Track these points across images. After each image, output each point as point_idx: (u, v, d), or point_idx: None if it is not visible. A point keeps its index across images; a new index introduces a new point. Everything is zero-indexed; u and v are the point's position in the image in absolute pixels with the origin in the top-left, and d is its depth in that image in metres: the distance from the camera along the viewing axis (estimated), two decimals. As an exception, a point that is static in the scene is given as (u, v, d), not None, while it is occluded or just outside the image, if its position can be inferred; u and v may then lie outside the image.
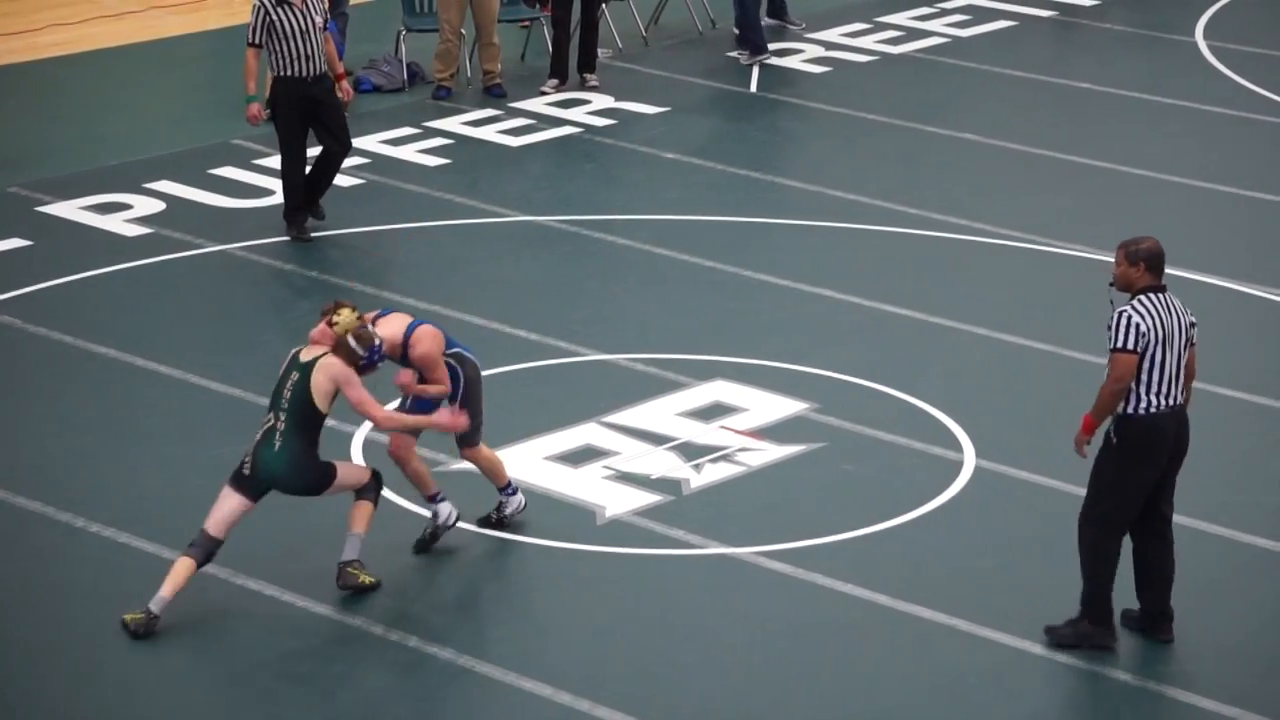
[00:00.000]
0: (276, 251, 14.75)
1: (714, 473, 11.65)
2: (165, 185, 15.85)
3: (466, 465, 11.05)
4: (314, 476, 10.08)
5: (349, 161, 16.36)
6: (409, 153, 16.83)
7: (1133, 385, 9.57)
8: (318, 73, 14.62)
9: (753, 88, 18.74)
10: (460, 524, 10.74)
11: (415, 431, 10.50)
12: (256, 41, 14.62)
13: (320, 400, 9.99)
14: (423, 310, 13.74)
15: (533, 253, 15.05)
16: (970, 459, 11.81)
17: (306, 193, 14.91)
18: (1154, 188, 16.38)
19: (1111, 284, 9.77)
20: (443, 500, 10.65)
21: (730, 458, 11.82)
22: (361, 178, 16.22)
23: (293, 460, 9.99)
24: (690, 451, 11.87)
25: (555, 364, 13.02)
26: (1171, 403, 9.62)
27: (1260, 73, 19.07)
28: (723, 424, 12.20)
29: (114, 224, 15.16)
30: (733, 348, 13.19)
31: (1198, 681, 9.73)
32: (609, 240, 15.09)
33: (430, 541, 10.65)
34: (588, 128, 17.57)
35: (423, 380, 10.39)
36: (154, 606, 9.92)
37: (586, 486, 11.45)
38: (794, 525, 11.06)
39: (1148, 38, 20.38)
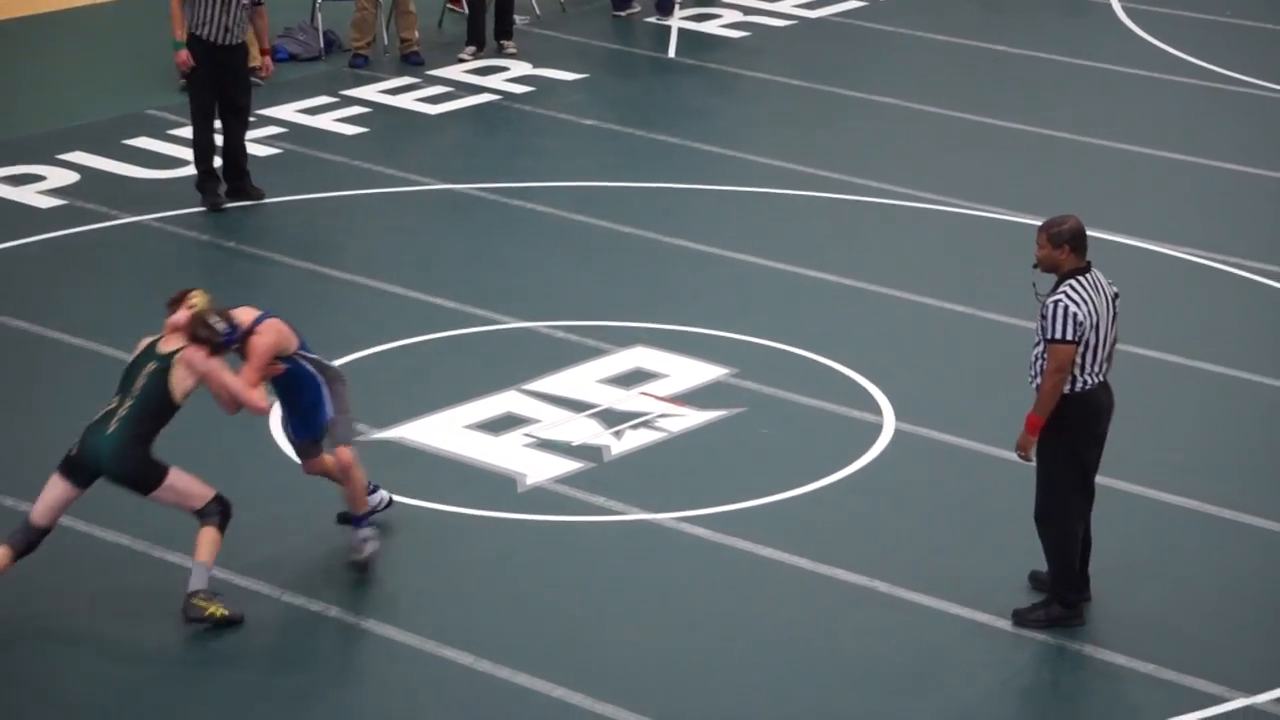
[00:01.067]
0: (193, 222, 14.65)
1: (635, 439, 11.65)
2: (79, 156, 15.72)
3: (391, 437, 11.01)
4: (140, 470, 9.64)
5: (266, 130, 16.27)
6: (326, 121, 16.74)
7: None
8: (232, 43, 14.54)
9: (671, 53, 18.72)
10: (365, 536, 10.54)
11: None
12: None
13: (178, 394, 9.68)
14: (339, 279, 13.71)
15: (452, 221, 15.01)
16: (889, 422, 11.85)
17: (227, 172, 14.83)
18: (1070, 149, 16.45)
19: (1035, 266, 9.67)
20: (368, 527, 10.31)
21: (651, 424, 11.82)
22: (279, 147, 16.12)
23: (122, 447, 9.59)
24: (611, 418, 11.87)
25: (475, 332, 12.99)
26: (1102, 376, 9.64)
27: (1173, 34, 19.17)
28: (643, 390, 12.21)
29: (27, 195, 15.03)
30: (652, 314, 13.19)
31: (1114, 640, 9.79)
32: (528, 208, 15.06)
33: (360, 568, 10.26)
34: (506, 95, 17.51)
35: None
36: None
37: (507, 454, 11.44)
38: (715, 490, 11.07)
39: (1064, 1, 20.46)
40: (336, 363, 12.05)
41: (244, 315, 10.06)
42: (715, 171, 15.85)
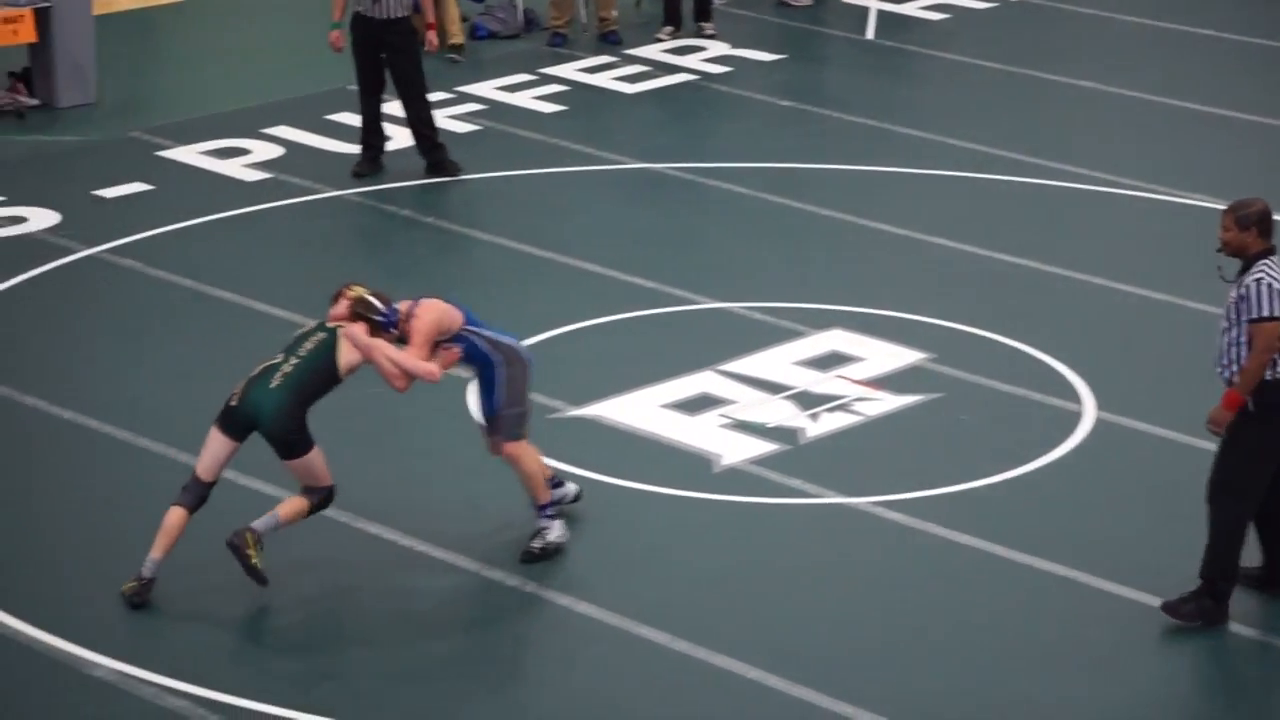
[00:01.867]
0: (394, 197, 14.80)
1: (830, 422, 11.61)
2: (283, 130, 15.93)
3: (587, 414, 11.05)
4: (296, 434, 9.69)
5: (465, 107, 16.40)
6: (525, 99, 16.83)
7: None
8: (388, 17, 14.55)
9: (869, 35, 18.63)
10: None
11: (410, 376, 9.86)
12: None
13: (342, 366, 9.72)
14: (537, 257, 13.78)
15: (649, 200, 15.03)
16: (1090, 410, 11.72)
17: (418, 148, 14.90)
18: (1275, 136, 16.16)
19: (1220, 250, 9.50)
20: (554, 518, 10.26)
21: (847, 407, 11.78)
22: (477, 124, 16.24)
23: (283, 406, 9.65)
24: (807, 400, 11.83)
25: (672, 312, 13.00)
26: None
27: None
28: (840, 373, 12.16)
29: (233, 169, 15.25)
30: (850, 297, 13.13)
31: (1320, 637, 9.64)
32: (726, 188, 15.05)
33: (538, 557, 10.20)
34: (703, 75, 17.51)
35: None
36: (146, 571, 9.69)
37: (703, 434, 11.44)
38: (911, 475, 11.01)
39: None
40: (532, 340, 12.16)
41: (403, 305, 9.99)
42: (913, 154, 15.75)
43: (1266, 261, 9.39)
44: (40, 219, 14.22)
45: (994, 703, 9.21)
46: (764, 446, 11.32)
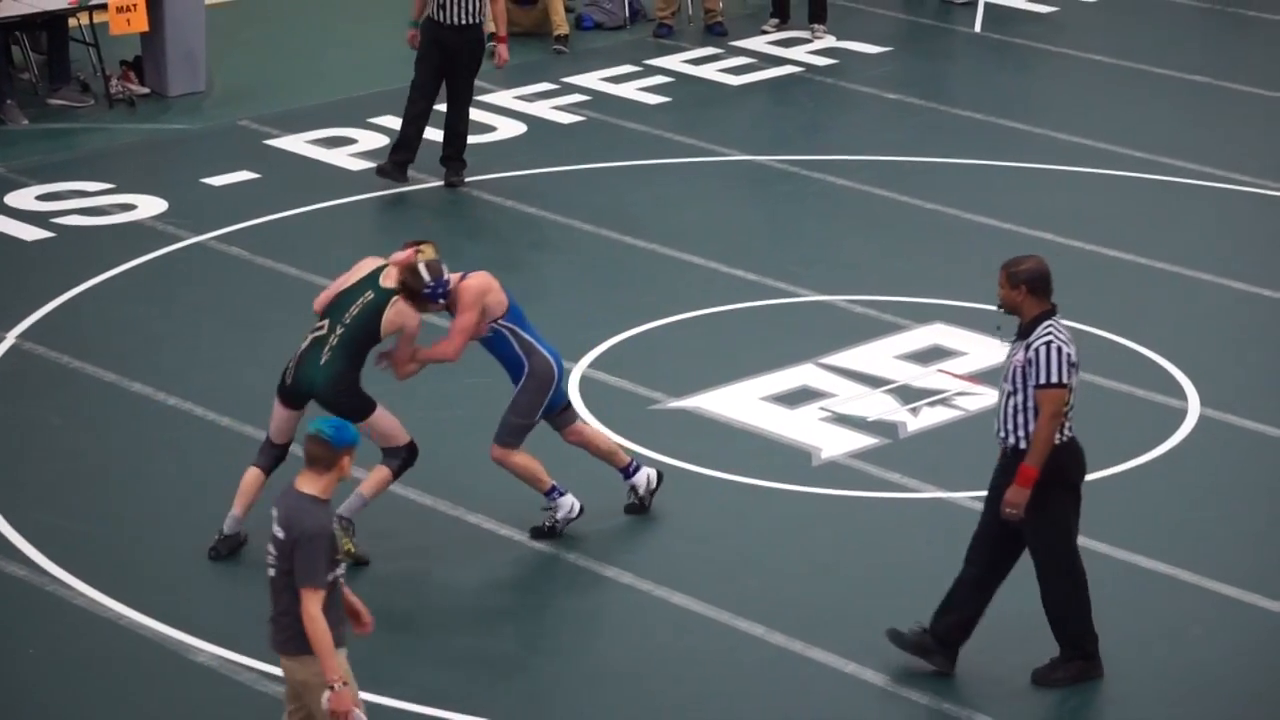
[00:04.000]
0: (495, 187, 14.85)
1: (931, 416, 11.56)
2: (389, 120, 15.99)
3: (687, 406, 11.04)
4: (355, 401, 9.80)
5: (570, 98, 16.41)
6: (630, 90, 16.85)
7: None
8: (459, 22, 14.35)
9: (977, 28, 18.53)
10: (638, 480, 10.52)
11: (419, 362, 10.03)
12: None
13: (386, 330, 9.80)
14: (639, 248, 13.77)
15: (751, 192, 15.02)
16: (1194, 407, 11.61)
17: (446, 153, 14.68)
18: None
19: (999, 308, 9.06)
20: (637, 470, 10.41)
21: (948, 401, 11.73)
22: (582, 115, 16.27)
23: (336, 378, 9.77)
24: (908, 394, 11.79)
25: (773, 304, 12.98)
26: (1072, 428, 9.04)
27: None
28: (941, 367, 12.11)
29: (339, 158, 15.35)
30: (952, 291, 13.07)
31: None
32: (828, 180, 15.01)
33: (640, 508, 10.44)
34: (808, 67, 17.47)
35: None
36: (227, 527, 9.99)
37: (803, 428, 11.42)
38: (1012, 471, 10.93)
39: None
40: (633, 331, 12.18)
41: (453, 277, 9.98)
42: (1019, 148, 15.66)
43: (1051, 323, 8.94)
44: (149, 206, 14.37)
45: (1096, 699, 9.15)
46: (864, 440, 11.29)
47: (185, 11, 16.60)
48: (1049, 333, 8.89)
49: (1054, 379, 8.83)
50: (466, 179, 14.73)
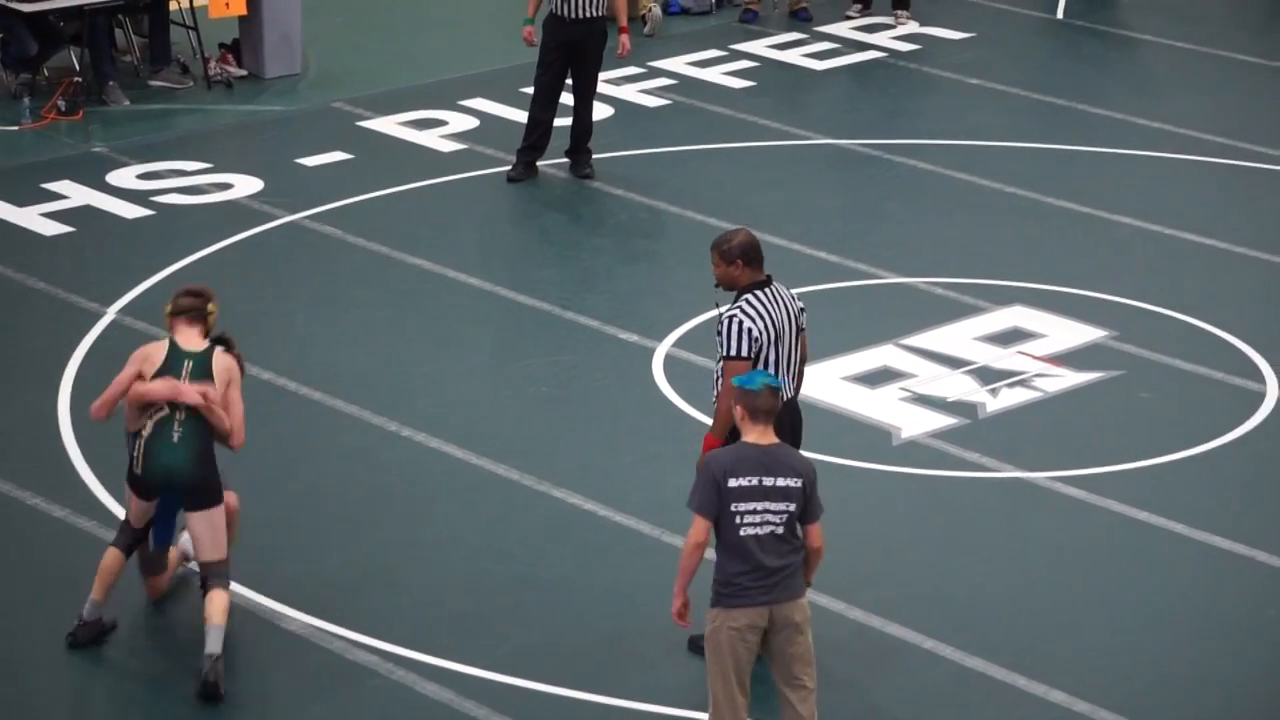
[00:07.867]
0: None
1: (1010, 397, 11.71)
2: (480, 103, 16.23)
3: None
4: (215, 478, 9.20)
5: (656, 82, 16.57)
6: (715, 75, 17.02)
7: None
8: (582, 16, 14.40)
9: (1059, 14, 18.60)
10: None
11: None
12: None
13: (221, 385, 9.17)
14: (723, 230, 13.92)
15: (836, 176, 15.17)
16: (1272, 390, 11.71)
17: (573, 146, 14.77)
18: None
19: (717, 285, 9.16)
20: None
21: (1027, 383, 11.87)
22: (668, 98, 16.45)
23: (201, 455, 9.15)
24: (987, 376, 11.94)
25: (854, 286, 13.14)
26: (784, 397, 8.95)
27: None
28: (1020, 349, 12.25)
29: (430, 139, 15.57)
30: (1032, 273, 13.20)
31: None
32: (910, 164, 15.15)
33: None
34: (892, 52, 17.60)
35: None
36: (86, 612, 9.30)
37: (883, 407, 11.59)
38: (1090, 452, 11.09)
39: None
40: (714, 312, 12.30)
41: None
42: (1100, 133, 15.75)
43: (749, 295, 9.04)
44: (245, 185, 14.63)
45: (1171, 678, 9.28)
46: (944, 420, 11.45)
47: (282, -5, 16.87)
48: (740, 305, 9.05)
49: (733, 351, 8.97)
50: (550, 161, 14.90)
